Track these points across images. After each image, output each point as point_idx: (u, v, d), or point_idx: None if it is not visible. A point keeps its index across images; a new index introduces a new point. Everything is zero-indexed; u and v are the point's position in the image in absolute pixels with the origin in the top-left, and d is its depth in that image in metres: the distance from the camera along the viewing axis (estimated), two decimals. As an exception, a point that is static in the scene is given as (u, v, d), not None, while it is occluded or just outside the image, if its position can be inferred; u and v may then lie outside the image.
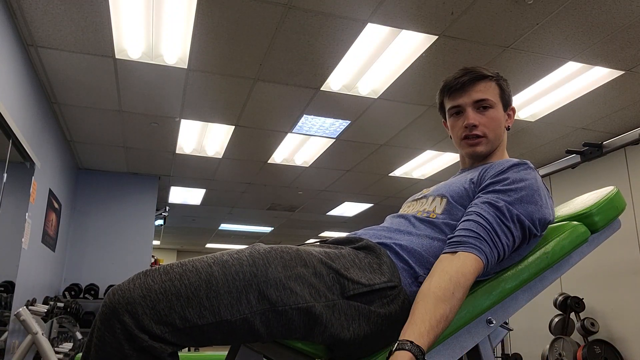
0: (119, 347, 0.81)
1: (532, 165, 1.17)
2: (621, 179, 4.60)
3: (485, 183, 1.13)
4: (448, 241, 1.04)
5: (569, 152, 3.33)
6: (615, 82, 3.65)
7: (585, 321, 4.47)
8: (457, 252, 1.00)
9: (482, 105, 1.24)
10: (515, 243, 1.07)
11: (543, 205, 1.11)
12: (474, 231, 1.02)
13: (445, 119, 1.34)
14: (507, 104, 1.29)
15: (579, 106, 4.04)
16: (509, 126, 1.31)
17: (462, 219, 1.07)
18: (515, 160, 1.17)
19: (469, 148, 1.27)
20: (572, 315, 4.66)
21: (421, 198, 1.27)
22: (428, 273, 1.05)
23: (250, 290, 0.88)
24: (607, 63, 3.41)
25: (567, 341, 4.47)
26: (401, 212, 1.30)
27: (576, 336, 4.59)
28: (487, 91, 1.25)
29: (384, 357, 0.99)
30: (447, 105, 1.30)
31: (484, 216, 1.04)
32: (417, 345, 0.85)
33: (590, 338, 4.47)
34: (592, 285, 4.74)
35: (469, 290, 0.97)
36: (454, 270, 0.96)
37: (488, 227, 1.03)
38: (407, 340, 0.85)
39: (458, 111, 1.27)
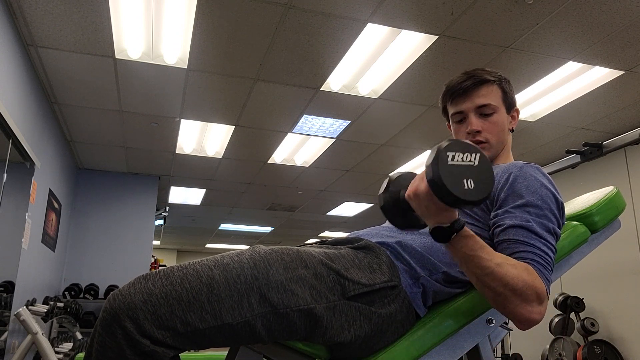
0: (120, 352, 0.81)
1: (536, 165, 1.16)
2: (621, 179, 4.60)
3: (503, 197, 1.10)
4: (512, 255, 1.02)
5: (569, 152, 3.34)
6: (615, 82, 3.65)
7: (585, 321, 4.47)
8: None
9: (484, 112, 1.24)
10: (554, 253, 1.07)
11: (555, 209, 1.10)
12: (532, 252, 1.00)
13: (449, 122, 1.33)
14: (510, 106, 1.28)
15: (579, 106, 4.04)
16: (512, 128, 1.29)
17: (508, 244, 1.03)
18: (520, 163, 1.15)
19: None
20: (572, 315, 4.65)
21: None
22: (428, 273, 1.06)
23: (251, 293, 0.88)
24: (607, 63, 3.41)
25: (567, 341, 4.46)
26: None
27: (576, 336, 4.58)
28: (490, 95, 1.24)
29: (384, 357, 1.00)
30: (450, 111, 1.30)
31: (528, 242, 1.02)
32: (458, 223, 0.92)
33: (590, 338, 4.47)
34: (592, 285, 4.73)
35: (509, 281, 0.94)
36: (511, 262, 0.96)
37: (537, 251, 1.01)
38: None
39: (461, 118, 1.27)
